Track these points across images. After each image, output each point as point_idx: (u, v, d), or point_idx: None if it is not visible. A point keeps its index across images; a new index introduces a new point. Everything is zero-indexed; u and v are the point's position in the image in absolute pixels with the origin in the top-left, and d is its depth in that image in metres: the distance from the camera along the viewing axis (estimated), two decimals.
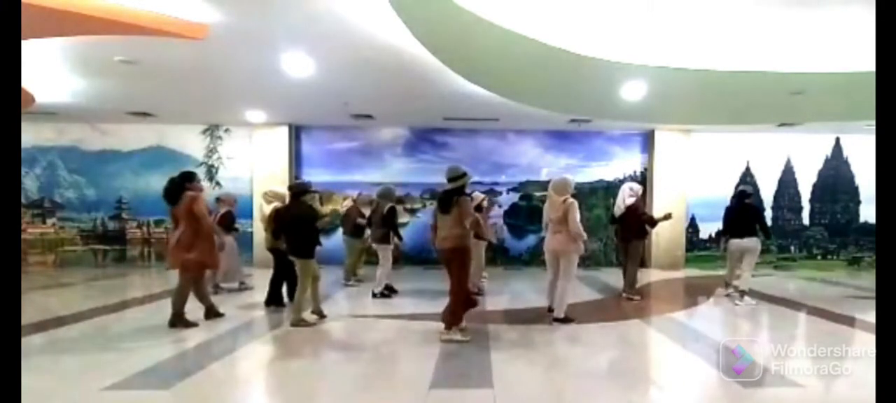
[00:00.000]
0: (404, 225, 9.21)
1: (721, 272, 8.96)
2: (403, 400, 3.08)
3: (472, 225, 4.27)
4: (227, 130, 9.37)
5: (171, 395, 3.07)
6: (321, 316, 5.00)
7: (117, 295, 6.46)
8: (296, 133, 9.43)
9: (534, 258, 9.60)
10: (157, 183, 9.21)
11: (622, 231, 6.40)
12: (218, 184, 9.28)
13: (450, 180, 4.40)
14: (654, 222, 6.37)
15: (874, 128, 7.32)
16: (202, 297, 4.89)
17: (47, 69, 5.79)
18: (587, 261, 9.60)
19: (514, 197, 9.63)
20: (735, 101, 6.81)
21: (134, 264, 9.33)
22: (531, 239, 9.62)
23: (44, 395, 2.98)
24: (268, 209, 5.60)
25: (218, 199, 6.87)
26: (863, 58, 5.17)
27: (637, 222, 6.22)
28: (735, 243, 6.10)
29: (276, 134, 9.23)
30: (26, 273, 8.30)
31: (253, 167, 9.22)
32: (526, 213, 9.60)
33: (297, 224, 4.80)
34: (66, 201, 9.37)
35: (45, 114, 8.09)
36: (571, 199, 4.81)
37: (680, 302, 6.23)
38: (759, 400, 3.16)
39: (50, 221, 9.36)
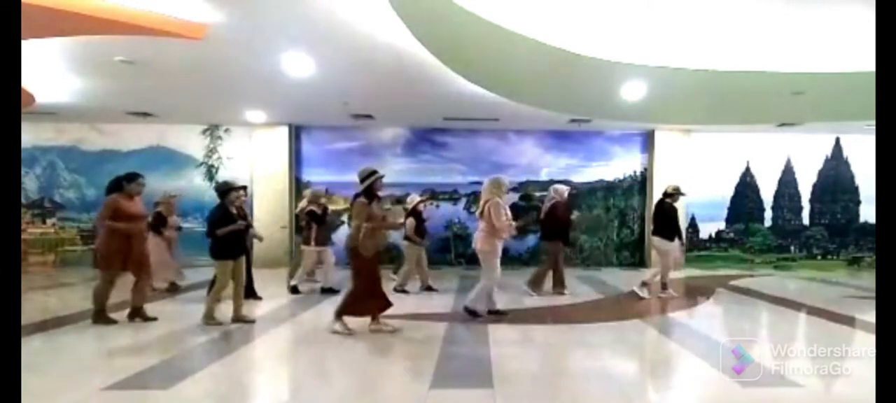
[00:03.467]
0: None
1: (721, 272, 9.02)
2: (403, 400, 3.08)
3: (371, 232, 4.22)
4: (227, 130, 9.37)
5: (171, 395, 3.07)
6: (245, 321, 4.81)
7: (117, 295, 6.44)
8: (296, 133, 9.43)
9: (534, 258, 9.59)
10: (157, 183, 9.20)
11: (542, 230, 6.62)
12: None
13: (360, 180, 4.39)
14: (570, 221, 6.48)
15: (874, 128, 7.32)
16: (98, 295, 4.79)
17: (47, 69, 5.79)
18: (587, 261, 9.61)
19: (514, 197, 9.61)
20: (735, 101, 6.81)
21: None
22: (531, 240, 9.61)
23: (44, 395, 2.98)
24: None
25: (156, 203, 6.74)
26: (863, 58, 5.17)
27: (555, 223, 6.31)
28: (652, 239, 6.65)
29: (276, 134, 9.23)
30: (26, 273, 8.30)
31: (253, 167, 9.22)
32: (526, 214, 9.58)
33: (217, 225, 4.62)
34: (66, 201, 9.38)
35: (45, 114, 8.09)
36: (496, 199, 4.87)
37: (679, 302, 6.23)
38: (759, 400, 3.15)
39: (50, 221, 9.36)
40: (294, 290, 6.38)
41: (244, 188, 5.15)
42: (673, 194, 6.36)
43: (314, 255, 6.42)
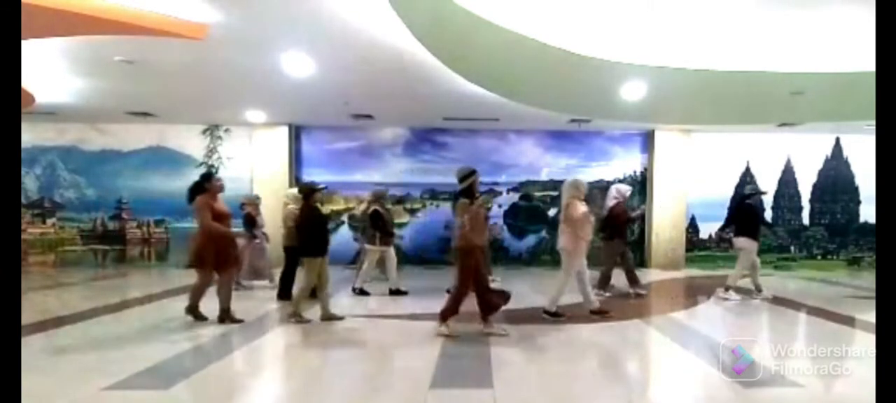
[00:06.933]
0: (404, 224, 9.25)
1: (721, 272, 9.00)
2: (403, 400, 3.08)
3: (472, 228, 4.27)
4: (227, 130, 9.36)
5: (171, 395, 3.07)
6: (332, 318, 4.95)
7: (117, 295, 6.46)
8: (296, 133, 9.43)
9: (534, 258, 9.59)
10: (157, 183, 9.27)
11: (603, 231, 6.56)
12: None
13: (459, 181, 4.53)
14: (631, 219, 6.49)
15: (874, 128, 7.32)
16: (221, 298, 4.83)
17: (47, 69, 5.79)
18: (588, 262, 9.59)
19: (514, 197, 9.62)
20: (735, 101, 6.81)
21: (134, 264, 9.32)
22: (531, 239, 9.62)
23: (44, 395, 2.97)
24: (284, 210, 6.00)
25: (242, 205, 6.92)
26: (863, 58, 5.17)
27: (616, 224, 6.32)
28: (734, 241, 6.42)
29: (276, 134, 9.23)
30: (26, 273, 8.30)
31: (253, 167, 9.21)
32: (526, 213, 9.60)
33: (305, 224, 4.91)
34: (66, 201, 9.37)
35: (45, 114, 8.08)
36: (576, 201, 4.99)
37: (680, 302, 6.23)
38: (759, 400, 3.15)
39: (50, 221, 9.35)
40: (362, 292, 6.30)
41: (324, 188, 5.31)
42: (753, 195, 6.42)
43: (377, 254, 6.36)
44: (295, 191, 6.05)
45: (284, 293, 5.82)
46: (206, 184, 4.75)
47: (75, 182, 9.36)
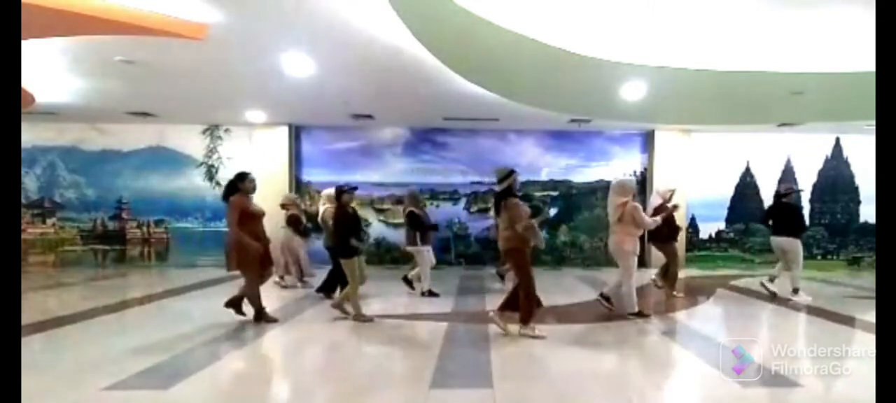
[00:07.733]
0: (403, 225, 9.25)
1: (721, 272, 9.02)
2: (403, 400, 3.08)
3: (526, 229, 4.26)
4: (227, 130, 9.36)
5: (171, 395, 3.07)
6: (343, 309, 5.06)
7: (117, 296, 6.46)
8: (296, 133, 9.42)
9: (534, 258, 9.56)
10: (157, 183, 9.28)
11: (650, 233, 6.32)
12: (218, 184, 9.26)
13: (498, 181, 4.51)
14: (673, 228, 6.34)
15: (874, 128, 7.32)
16: (251, 299, 4.82)
17: (47, 69, 5.79)
18: (587, 261, 9.61)
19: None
20: (735, 101, 6.81)
21: (134, 264, 9.32)
22: None
23: (44, 395, 2.98)
24: (322, 209, 6.11)
25: (283, 205, 7.03)
26: (863, 58, 5.17)
27: (664, 223, 6.10)
28: (772, 240, 6.39)
29: (276, 134, 9.23)
30: (26, 273, 8.29)
31: (253, 167, 9.17)
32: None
33: (337, 225, 4.97)
34: (66, 201, 9.36)
35: (45, 114, 8.08)
36: (632, 202, 4.99)
37: (680, 301, 6.22)
38: (759, 400, 3.15)
39: (50, 221, 9.35)
40: (431, 293, 6.25)
41: (356, 188, 5.34)
42: (788, 193, 6.36)
43: (422, 254, 6.28)
44: (331, 191, 5.93)
45: (327, 286, 6.03)
46: (240, 184, 4.76)
47: (75, 182, 9.35)
